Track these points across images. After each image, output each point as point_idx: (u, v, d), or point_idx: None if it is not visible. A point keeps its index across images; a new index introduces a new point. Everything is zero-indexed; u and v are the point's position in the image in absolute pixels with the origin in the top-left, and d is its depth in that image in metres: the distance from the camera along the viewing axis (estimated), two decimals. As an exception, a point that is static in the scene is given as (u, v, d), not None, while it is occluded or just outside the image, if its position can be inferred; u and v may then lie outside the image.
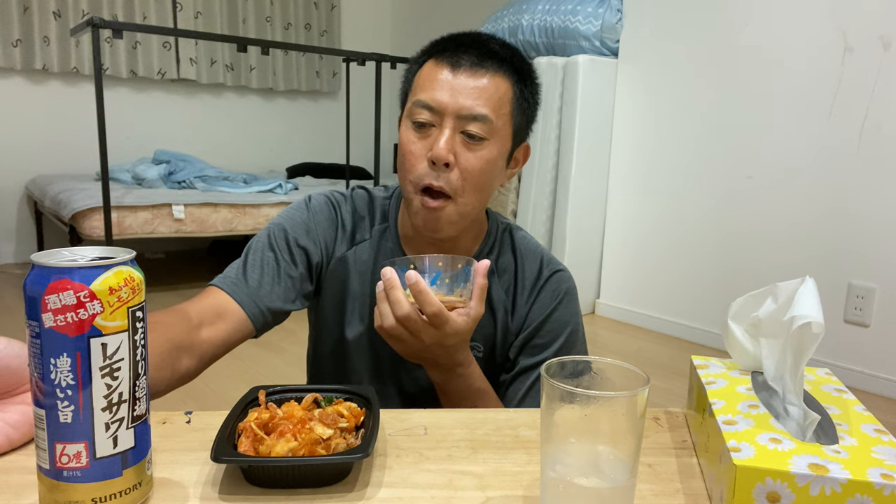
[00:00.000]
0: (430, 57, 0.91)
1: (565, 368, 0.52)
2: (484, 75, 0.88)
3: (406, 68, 0.97)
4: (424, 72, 0.90)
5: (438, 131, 0.87)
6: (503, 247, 1.01)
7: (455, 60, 0.88)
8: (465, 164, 0.88)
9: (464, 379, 0.85)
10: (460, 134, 0.87)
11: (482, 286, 0.79)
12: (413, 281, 0.75)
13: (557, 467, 0.49)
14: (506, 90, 0.89)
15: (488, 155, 0.89)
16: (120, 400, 0.50)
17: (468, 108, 0.87)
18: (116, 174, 3.71)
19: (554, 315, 0.97)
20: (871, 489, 0.47)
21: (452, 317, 0.77)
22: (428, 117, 0.88)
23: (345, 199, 1.01)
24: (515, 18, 3.51)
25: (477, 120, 0.87)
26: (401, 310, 0.76)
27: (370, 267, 0.98)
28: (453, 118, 0.87)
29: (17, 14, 3.94)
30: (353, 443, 0.61)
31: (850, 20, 2.54)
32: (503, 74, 0.89)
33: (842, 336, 2.62)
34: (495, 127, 0.88)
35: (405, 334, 0.78)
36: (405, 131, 0.91)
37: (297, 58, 5.10)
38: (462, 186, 0.88)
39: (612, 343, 3.14)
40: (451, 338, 0.78)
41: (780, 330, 0.61)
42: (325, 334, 1.01)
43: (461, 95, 0.87)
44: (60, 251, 0.50)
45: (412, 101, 0.90)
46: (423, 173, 0.88)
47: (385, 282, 0.77)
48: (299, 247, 0.95)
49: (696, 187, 3.09)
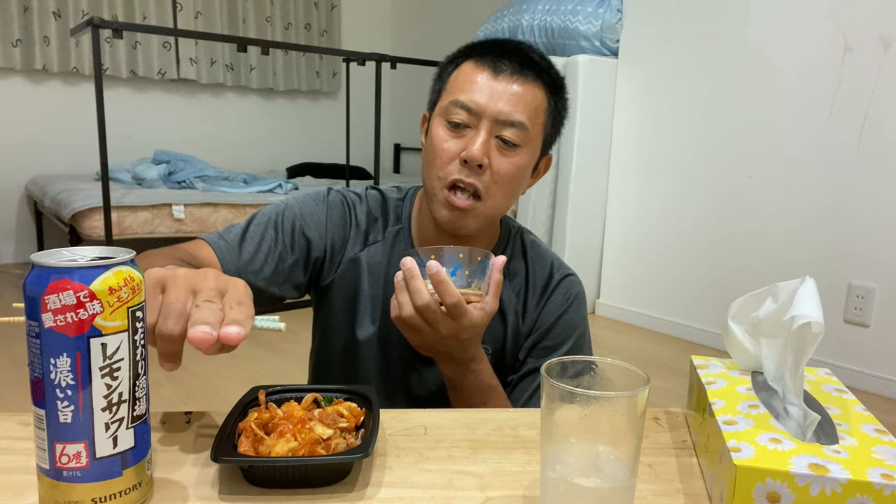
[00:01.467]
0: (469, 58, 0.91)
1: (566, 369, 0.52)
2: (523, 83, 0.88)
3: (441, 65, 0.97)
4: (463, 72, 0.90)
5: (474, 132, 0.88)
6: (515, 250, 1.02)
7: (496, 65, 0.88)
8: (497, 168, 0.88)
9: (475, 374, 0.86)
10: (495, 138, 0.88)
11: (498, 281, 0.79)
12: (434, 271, 0.75)
13: (557, 467, 0.49)
14: (542, 100, 0.90)
15: (520, 161, 0.90)
16: (120, 400, 0.50)
17: (506, 114, 0.87)
18: (116, 174, 3.71)
19: (563, 318, 0.98)
20: (872, 489, 0.47)
21: (470, 309, 0.77)
22: (465, 118, 0.88)
23: (360, 200, 1.01)
24: (515, 18, 3.51)
25: (514, 126, 0.88)
26: (421, 299, 0.76)
27: (383, 268, 0.98)
28: (490, 121, 0.87)
29: (17, 14, 3.94)
30: (353, 443, 0.61)
31: (850, 20, 2.54)
32: (541, 84, 0.90)
33: (842, 336, 2.62)
34: (530, 135, 0.89)
35: (423, 324, 0.78)
36: (438, 129, 0.90)
37: (297, 58, 5.10)
38: (492, 189, 0.89)
39: (612, 343, 3.14)
40: (467, 331, 0.79)
41: (780, 330, 0.61)
42: (334, 335, 1.01)
43: (500, 100, 0.87)
44: (60, 251, 0.50)
45: (449, 100, 0.89)
46: (453, 170, 0.88)
47: (405, 271, 0.78)
48: (304, 236, 0.95)
49: (696, 187, 3.09)
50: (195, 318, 0.55)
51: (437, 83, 0.96)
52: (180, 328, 0.56)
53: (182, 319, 0.56)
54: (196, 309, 0.56)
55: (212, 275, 0.60)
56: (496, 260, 0.79)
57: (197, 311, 0.56)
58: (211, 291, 0.58)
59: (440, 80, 0.95)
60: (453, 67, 0.93)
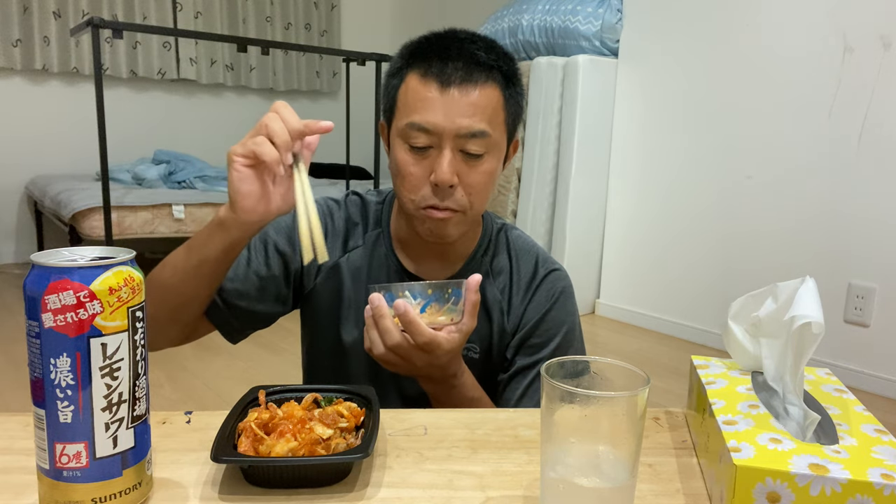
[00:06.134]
0: (412, 68, 0.87)
1: (565, 368, 0.52)
2: (475, 88, 0.85)
3: (387, 75, 0.92)
4: (411, 88, 0.86)
5: (437, 153, 0.85)
6: (498, 247, 1.01)
7: (443, 76, 0.84)
8: (468, 181, 0.87)
9: (457, 389, 0.86)
10: (460, 152, 0.86)
11: (473, 302, 0.79)
12: (402, 311, 0.75)
13: (557, 467, 0.49)
14: (497, 98, 0.87)
15: (489, 167, 0.88)
16: (120, 400, 0.50)
17: (466, 127, 0.84)
18: (116, 174, 3.71)
19: (550, 314, 0.97)
20: (872, 489, 0.47)
21: (443, 341, 0.77)
22: (425, 140, 0.85)
23: (339, 206, 1.01)
24: (515, 18, 3.51)
25: (476, 137, 0.85)
26: (391, 339, 0.76)
27: (364, 273, 0.98)
28: (451, 138, 0.85)
29: (17, 14, 3.94)
30: (353, 443, 0.61)
31: (850, 20, 2.54)
32: (493, 83, 0.87)
33: (842, 336, 2.62)
34: (493, 139, 0.87)
35: (397, 359, 0.78)
36: (401, 152, 0.88)
37: (297, 58, 5.09)
38: (468, 202, 0.88)
39: (612, 343, 3.14)
40: (444, 357, 0.79)
41: (780, 330, 0.61)
42: (321, 340, 1.01)
43: (456, 114, 0.84)
44: (60, 251, 0.50)
45: (405, 122, 0.86)
46: (426, 195, 0.87)
47: (374, 309, 0.77)
48: (277, 251, 0.95)
49: (696, 187, 3.09)
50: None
51: (387, 95, 0.92)
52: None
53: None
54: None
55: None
56: (471, 281, 0.78)
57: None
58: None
59: (388, 93, 0.91)
60: (398, 81, 0.89)
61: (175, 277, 0.84)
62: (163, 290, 0.84)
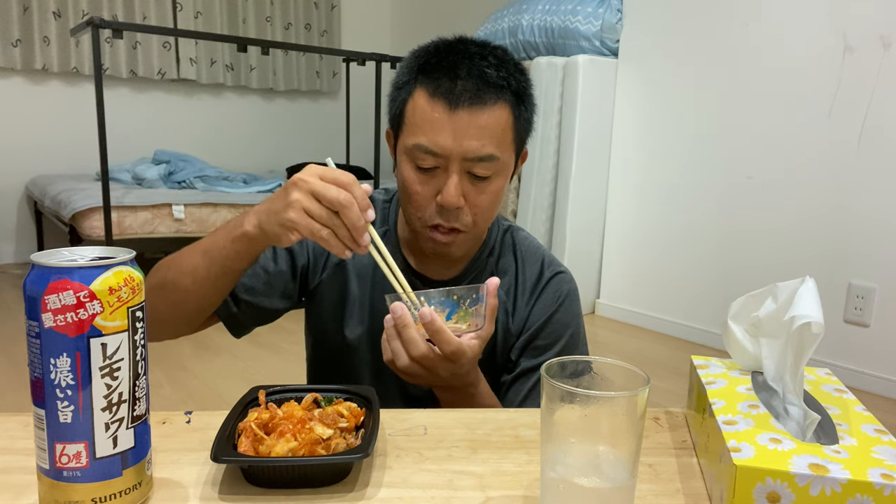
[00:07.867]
0: (419, 84, 0.85)
1: (565, 369, 0.52)
2: (484, 109, 0.83)
3: (394, 84, 0.90)
4: (419, 106, 0.85)
5: (445, 174, 0.85)
6: (503, 248, 1.01)
7: (451, 97, 0.82)
8: (475, 202, 0.87)
9: (474, 398, 0.85)
10: (467, 174, 0.85)
11: (493, 306, 0.78)
12: (429, 319, 0.73)
13: (557, 467, 0.49)
14: (507, 118, 0.86)
15: (496, 188, 0.88)
16: (120, 400, 0.50)
17: (474, 150, 0.83)
18: (116, 174, 3.71)
19: (555, 317, 0.97)
20: (871, 489, 0.47)
21: (466, 349, 0.76)
22: (432, 162, 0.84)
23: None
24: (515, 18, 3.51)
25: (483, 160, 0.84)
26: (416, 349, 0.75)
27: (370, 270, 0.98)
28: (459, 161, 0.83)
29: (17, 14, 3.94)
30: (353, 443, 0.61)
31: (850, 20, 2.54)
32: (503, 103, 0.85)
33: (842, 336, 2.62)
34: (501, 161, 0.86)
35: (420, 370, 0.77)
36: (408, 170, 0.87)
37: (297, 58, 5.09)
38: (473, 221, 0.88)
39: (612, 343, 3.14)
40: (466, 366, 0.78)
41: (780, 330, 0.61)
42: (325, 338, 1.01)
43: (464, 137, 0.82)
44: (60, 251, 0.50)
45: (412, 142, 0.85)
46: (432, 214, 0.87)
47: (397, 319, 0.75)
48: (284, 247, 0.95)
49: (696, 187, 3.09)
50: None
51: (394, 107, 0.90)
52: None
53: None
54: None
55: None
56: (490, 284, 0.78)
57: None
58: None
59: (396, 105, 0.90)
60: (406, 95, 0.87)
61: (196, 285, 0.83)
62: (182, 293, 0.84)
